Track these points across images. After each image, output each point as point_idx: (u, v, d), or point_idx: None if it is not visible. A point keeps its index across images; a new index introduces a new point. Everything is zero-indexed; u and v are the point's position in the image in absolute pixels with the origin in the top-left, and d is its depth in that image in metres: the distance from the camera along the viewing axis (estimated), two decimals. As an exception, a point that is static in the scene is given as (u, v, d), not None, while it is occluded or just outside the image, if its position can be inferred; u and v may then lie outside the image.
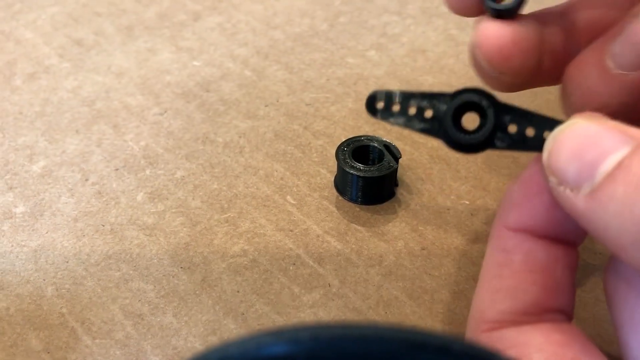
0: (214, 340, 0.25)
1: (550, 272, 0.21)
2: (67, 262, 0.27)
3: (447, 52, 0.39)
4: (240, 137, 0.33)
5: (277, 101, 0.36)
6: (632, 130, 0.18)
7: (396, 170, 0.30)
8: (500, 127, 0.21)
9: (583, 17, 0.25)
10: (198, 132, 0.34)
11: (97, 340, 0.25)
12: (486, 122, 0.20)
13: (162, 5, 0.43)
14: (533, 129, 0.20)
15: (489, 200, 0.30)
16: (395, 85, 0.37)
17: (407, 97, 0.21)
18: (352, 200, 0.30)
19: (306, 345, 0.14)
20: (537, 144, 0.20)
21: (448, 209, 0.30)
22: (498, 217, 0.22)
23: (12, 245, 0.28)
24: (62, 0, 0.43)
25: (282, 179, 0.31)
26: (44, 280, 0.27)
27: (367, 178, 0.29)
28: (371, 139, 0.30)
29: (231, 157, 0.32)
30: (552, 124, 0.20)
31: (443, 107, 0.21)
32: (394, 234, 0.29)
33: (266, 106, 0.35)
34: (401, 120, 0.21)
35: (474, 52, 0.23)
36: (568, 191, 0.19)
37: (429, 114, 0.21)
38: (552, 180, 0.19)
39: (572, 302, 0.22)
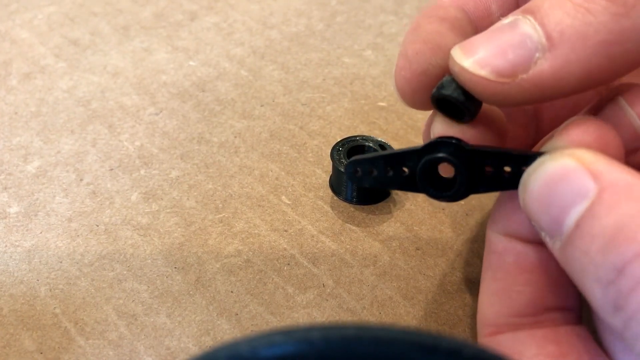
0: (207, 340, 0.25)
1: (544, 271, 0.21)
2: (61, 262, 0.27)
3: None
4: (235, 137, 0.33)
5: (273, 101, 0.36)
6: (601, 164, 0.18)
7: None
8: (477, 173, 0.20)
9: (547, 116, 0.25)
10: (193, 132, 0.34)
11: (90, 341, 0.25)
12: (459, 174, 0.20)
13: (158, 5, 0.43)
14: (509, 167, 0.20)
15: (484, 201, 0.30)
16: (391, 85, 0.37)
17: (384, 160, 0.21)
18: (347, 200, 0.30)
19: (317, 346, 0.14)
20: (515, 182, 0.19)
21: (443, 209, 0.30)
22: (489, 222, 0.22)
23: (6, 246, 0.28)
24: (59, 0, 0.43)
25: (277, 179, 0.31)
26: (38, 280, 0.27)
27: None
28: (366, 138, 0.30)
29: (226, 157, 0.32)
30: (526, 159, 0.19)
31: (413, 164, 0.21)
32: (389, 234, 0.28)
33: (262, 106, 0.35)
34: (380, 182, 0.22)
35: None
36: (546, 237, 0.19)
37: (405, 172, 0.21)
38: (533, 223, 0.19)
39: (577, 299, 0.21)
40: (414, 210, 0.30)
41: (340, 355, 0.14)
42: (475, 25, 0.23)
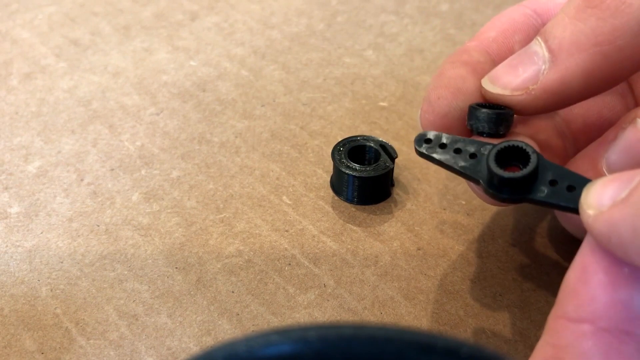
0: (208, 340, 0.25)
1: None
2: (62, 262, 0.27)
3: (445, 52, 0.39)
4: (236, 137, 0.33)
5: (274, 101, 0.36)
6: None
7: (392, 170, 0.29)
8: (540, 179, 0.20)
9: (578, 116, 0.26)
10: (194, 132, 0.34)
11: (91, 341, 0.25)
12: (527, 174, 0.20)
13: (159, 5, 0.43)
14: (572, 186, 0.20)
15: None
16: (392, 84, 0.37)
17: (455, 139, 0.22)
18: (348, 200, 0.30)
19: (314, 345, 0.14)
20: (573, 200, 0.19)
21: (444, 209, 0.30)
22: (555, 307, 0.19)
23: (7, 246, 0.28)
24: (59, 0, 0.43)
25: (278, 179, 0.31)
26: (39, 280, 0.27)
27: (363, 178, 0.29)
28: (367, 138, 0.30)
29: (227, 157, 0.32)
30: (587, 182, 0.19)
31: (486, 149, 0.21)
32: (390, 234, 0.28)
33: (263, 106, 0.35)
34: (444, 157, 0.22)
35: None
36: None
37: (472, 154, 0.21)
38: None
39: None
40: (415, 211, 0.30)
41: (337, 355, 0.14)
42: (496, 61, 0.25)
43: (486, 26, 0.26)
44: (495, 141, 0.22)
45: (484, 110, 0.22)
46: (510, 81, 0.22)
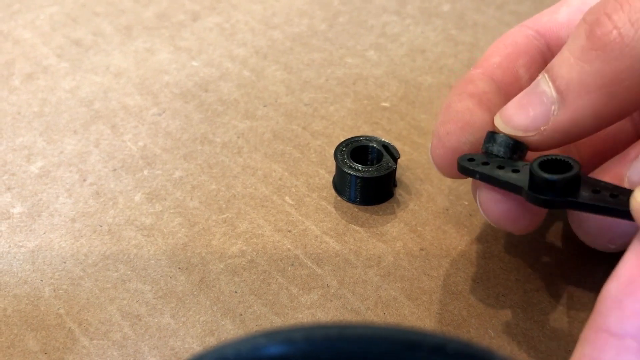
0: (211, 341, 0.25)
1: None
2: (65, 262, 0.27)
3: (446, 52, 0.39)
4: (238, 137, 0.33)
5: (276, 101, 0.36)
6: None
7: (395, 170, 0.29)
8: (582, 186, 0.21)
9: (586, 140, 0.26)
10: (196, 132, 0.34)
11: (94, 341, 0.25)
12: (569, 178, 0.21)
13: (161, 5, 0.43)
14: (614, 194, 0.20)
15: (488, 201, 0.30)
16: (394, 85, 0.37)
17: (495, 160, 0.23)
18: (351, 200, 0.30)
19: (300, 346, 0.14)
20: (621, 204, 0.20)
21: (447, 210, 0.30)
22: (593, 319, 0.18)
23: (10, 246, 0.28)
24: (61, 1, 0.43)
25: (280, 179, 0.31)
26: (42, 281, 0.27)
27: (366, 178, 0.29)
28: (370, 139, 0.30)
29: (229, 157, 0.32)
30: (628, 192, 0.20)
31: (527, 164, 0.22)
32: (393, 235, 0.28)
33: (265, 106, 0.35)
34: (486, 169, 0.22)
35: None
36: None
37: (514, 170, 0.22)
38: None
39: None
40: (418, 211, 0.30)
41: (324, 355, 0.14)
42: (504, 92, 0.25)
43: (489, 50, 0.26)
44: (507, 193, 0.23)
45: (502, 135, 0.23)
46: (522, 122, 0.22)
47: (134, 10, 0.43)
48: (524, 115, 0.22)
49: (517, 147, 0.23)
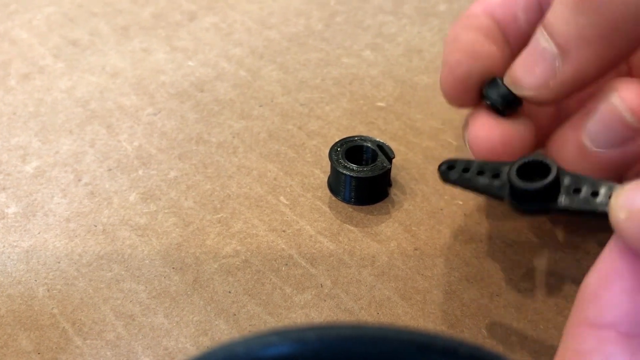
0: (205, 340, 0.25)
1: None
2: (59, 262, 0.27)
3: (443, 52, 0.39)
4: (234, 137, 0.33)
5: (272, 101, 0.36)
6: None
7: (389, 170, 0.29)
8: (563, 188, 0.21)
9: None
10: (192, 132, 0.34)
11: (88, 341, 0.25)
12: (548, 185, 0.21)
13: (157, 5, 0.43)
14: (595, 191, 0.20)
15: (482, 201, 0.30)
16: (390, 85, 0.37)
17: (477, 164, 0.23)
18: (346, 200, 0.30)
19: (312, 346, 0.14)
20: (600, 205, 0.20)
21: (441, 210, 0.30)
22: (574, 313, 0.19)
23: (4, 246, 0.28)
24: (58, 1, 0.43)
25: (275, 179, 0.31)
26: (36, 280, 0.27)
27: (360, 178, 0.29)
28: (365, 139, 0.30)
29: (225, 157, 0.32)
30: (612, 186, 0.20)
31: (506, 168, 0.22)
32: (387, 235, 0.28)
33: (260, 106, 0.35)
34: (467, 176, 0.23)
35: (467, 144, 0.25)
36: None
37: (495, 174, 0.22)
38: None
39: None
40: (412, 211, 0.30)
41: (336, 355, 0.14)
42: (503, 30, 0.26)
43: None
44: (501, 124, 0.24)
45: (504, 87, 0.24)
46: (531, 82, 0.23)
47: (130, 10, 0.43)
48: (531, 75, 0.23)
49: (513, 102, 0.24)
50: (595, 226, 0.29)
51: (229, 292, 0.26)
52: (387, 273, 0.27)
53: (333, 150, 0.30)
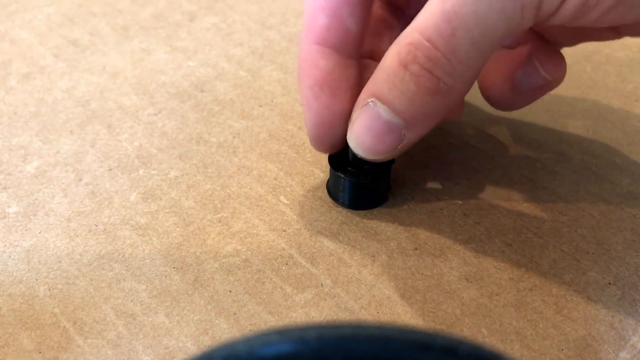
0: (205, 340, 0.25)
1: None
2: (60, 262, 0.27)
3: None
4: (234, 137, 0.33)
5: (272, 101, 0.36)
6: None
7: (390, 174, 0.29)
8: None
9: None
10: (192, 132, 0.34)
11: (89, 340, 0.25)
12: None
13: (157, 5, 0.43)
14: None
15: (482, 201, 0.30)
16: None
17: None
18: (345, 205, 0.29)
19: (312, 345, 0.14)
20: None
21: (441, 209, 0.30)
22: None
23: (5, 245, 0.28)
24: (58, 1, 0.43)
25: (275, 179, 0.31)
26: (37, 280, 0.27)
27: (360, 183, 0.28)
28: None
29: (225, 157, 0.32)
30: None
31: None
32: (387, 234, 0.29)
33: (260, 106, 0.35)
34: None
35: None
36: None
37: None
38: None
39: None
40: (412, 210, 0.30)
41: (336, 354, 0.14)
42: (340, 52, 0.27)
43: (308, 6, 0.27)
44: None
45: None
46: (382, 149, 0.26)
47: (131, 10, 0.43)
48: (382, 144, 0.25)
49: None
50: (595, 225, 0.29)
51: (230, 291, 0.26)
52: (387, 272, 0.27)
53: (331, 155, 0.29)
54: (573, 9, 0.22)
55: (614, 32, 0.27)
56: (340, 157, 0.29)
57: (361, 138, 0.25)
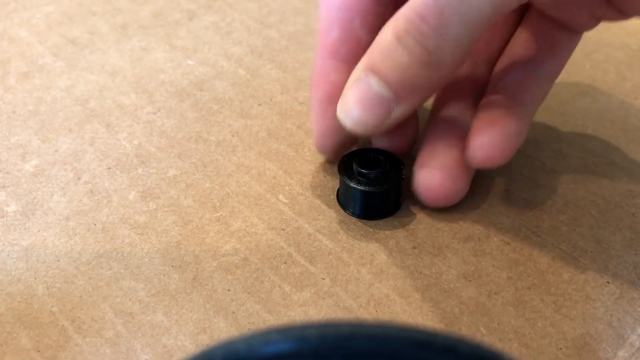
0: (204, 339, 0.25)
1: None
2: (58, 260, 0.27)
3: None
4: (233, 136, 0.33)
5: (271, 100, 0.36)
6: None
7: (400, 183, 0.29)
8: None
9: None
10: (191, 131, 0.34)
11: (87, 339, 0.25)
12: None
13: (156, 4, 0.43)
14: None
15: (480, 201, 0.30)
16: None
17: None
18: (355, 215, 0.29)
19: (312, 343, 0.14)
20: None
21: (440, 208, 0.30)
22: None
23: (3, 244, 0.28)
24: (57, -1, 0.43)
25: (274, 177, 0.31)
26: (35, 279, 0.27)
27: (373, 193, 0.28)
28: (375, 151, 0.29)
29: (224, 155, 0.32)
30: None
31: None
32: (386, 233, 0.29)
33: (259, 105, 0.35)
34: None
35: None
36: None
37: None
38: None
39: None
40: (411, 210, 0.30)
41: (336, 353, 0.14)
42: (353, 64, 0.27)
43: (323, 20, 0.29)
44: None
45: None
46: (372, 122, 0.26)
47: (130, 9, 0.43)
48: (372, 116, 0.26)
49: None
50: (594, 224, 0.29)
51: (228, 290, 0.26)
52: (386, 271, 0.27)
53: (342, 162, 0.29)
54: None
55: (617, 11, 0.26)
56: (351, 166, 0.29)
57: (350, 109, 0.26)
